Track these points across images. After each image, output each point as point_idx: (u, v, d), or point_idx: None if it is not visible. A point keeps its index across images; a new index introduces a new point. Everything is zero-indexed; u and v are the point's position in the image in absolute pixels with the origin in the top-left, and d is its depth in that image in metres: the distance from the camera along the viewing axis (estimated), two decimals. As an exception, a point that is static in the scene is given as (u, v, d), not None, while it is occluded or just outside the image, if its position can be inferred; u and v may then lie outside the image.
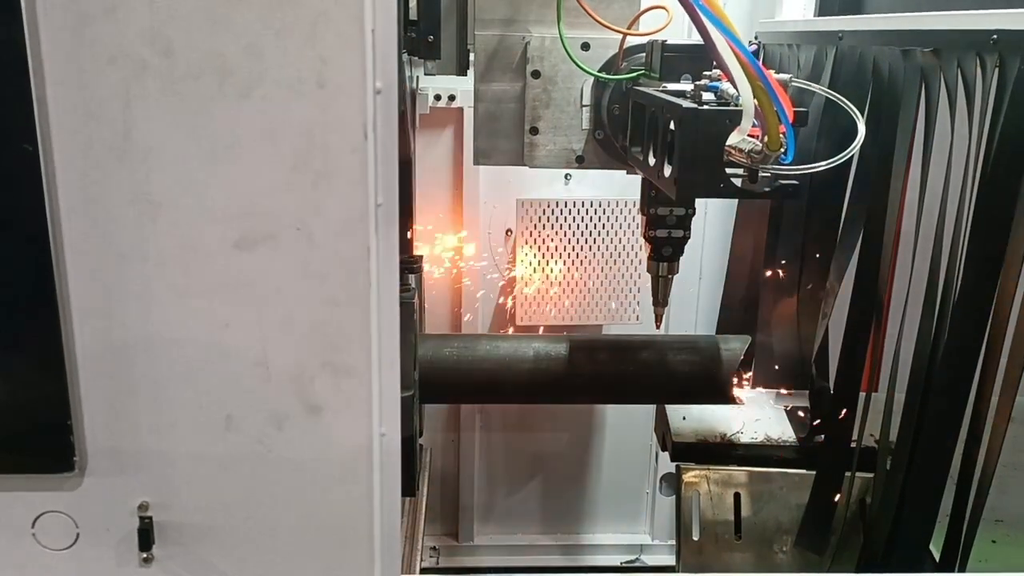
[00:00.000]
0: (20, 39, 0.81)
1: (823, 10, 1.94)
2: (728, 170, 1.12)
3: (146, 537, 0.97)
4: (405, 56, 1.60)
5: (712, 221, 2.34)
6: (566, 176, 2.32)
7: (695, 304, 2.46)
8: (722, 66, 1.10)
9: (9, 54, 0.82)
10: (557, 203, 2.30)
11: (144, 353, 0.93)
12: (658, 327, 1.66)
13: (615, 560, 2.70)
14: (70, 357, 0.92)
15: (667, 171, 1.19)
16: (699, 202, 1.52)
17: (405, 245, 1.70)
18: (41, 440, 0.94)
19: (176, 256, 0.90)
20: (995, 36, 1.11)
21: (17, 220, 0.87)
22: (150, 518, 0.98)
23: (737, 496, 1.68)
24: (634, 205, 2.24)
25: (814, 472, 1.62)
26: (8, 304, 0.90)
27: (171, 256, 0.90)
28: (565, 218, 2.31)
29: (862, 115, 1.39)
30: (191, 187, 0.87)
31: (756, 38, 1.95)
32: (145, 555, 0.98)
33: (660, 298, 1.62)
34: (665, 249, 1.57)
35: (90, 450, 0.95)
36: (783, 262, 1.77)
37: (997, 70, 1.11)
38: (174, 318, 0.92)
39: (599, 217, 2.31)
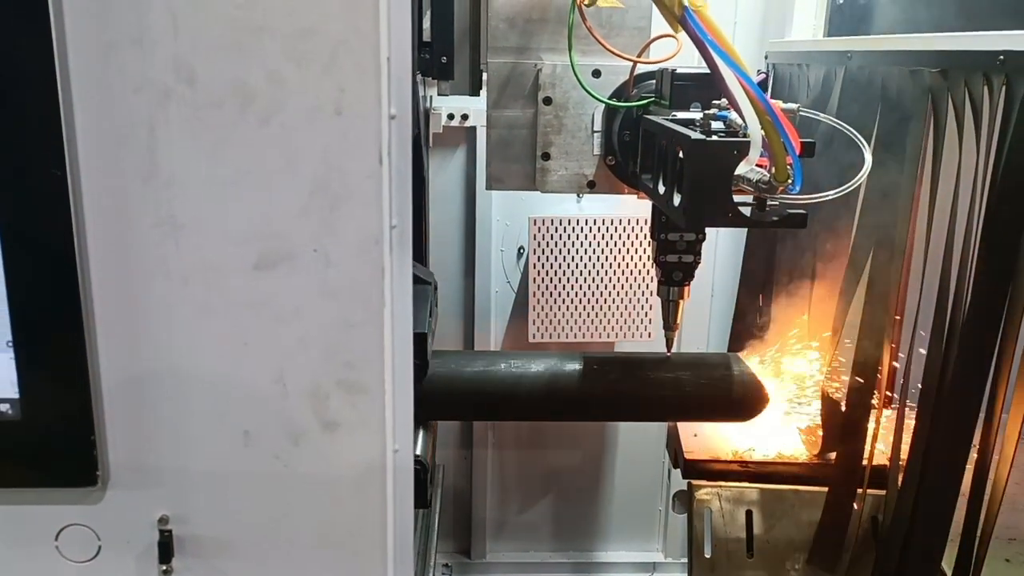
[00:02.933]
0: (51, 67, 0.85)
1: (832, 30, 1.96)
2: (736, 199, 1.13)
3: (166, 550, 1.00)
4: (419, 76, 1.63)
5: (724, 238, 2.35)
6: (578, 195, 2.34)
7: (707, 321, 2.47)
8: (730, 99, 1.12)
9: (40, 81, 0.85)
10: (569, 221, 2.31)
11: (166, 371, 0.95)
12: (668, 351, 1.67)
13: (627, 578, 2.69)
14: (94, 374, 0.94)
15: (676, 200, 1.21)
16: (709, 226, 1.53)
17: (421, 259, 1.72)
18: (65, 454, 0.97)
19: (197, 276, 0.92)
20: (1002, 56, 1.13)
21: (46, 241, 0.90)
22: (170, 531, 1.00)
23: (749, 513, 1.67)
24: (646, 223, 2.26)
25: (826, 489, 1.62)
26: (35, 322, 0.92)
27: (193, 276, 0.92)
28: (577, 236, 2.32)
29: (871, 134, 1.41)
30: (213, 210, 0.90)
31: (767, 58, 1.97)
32: (165, 567, 1.01)
33: (671, 322, 1.63)
34: (675, 274, 1.58)
35: (112, 464, 0.98)
36: (794, 278, 1.78)
37: (1004, 90, 1.13)
38: (195, 337, 0.94)
39: (611, 235, 2.33)
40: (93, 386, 0.94)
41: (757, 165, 1.14)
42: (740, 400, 1.68)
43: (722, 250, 2.36)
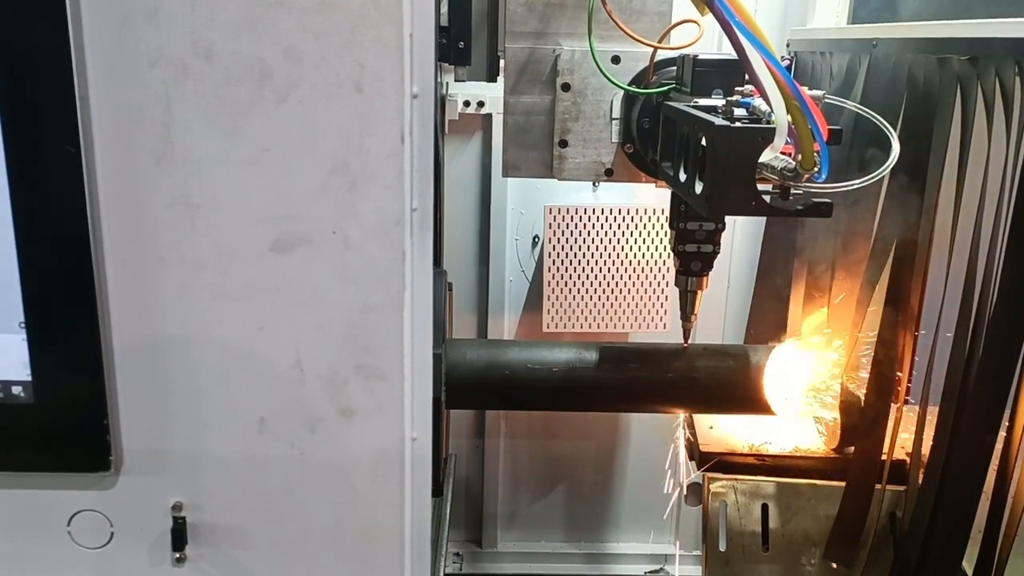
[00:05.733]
0: (65, 42, 0.83)
1: (856, 17, 1.92)
2: (760, 187, 1.11)
3: (179, 537, 0.99)
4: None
5: (741, 228, 2.33)
6: (594, 183, 2.32)
7: (723, 313, 2.45)
8: (756, 83, 1.09)
9: (54, 57, 0.83)
10: (585, 210, 2.30)
11: (180, 355, 0.94)
12: (685, 342, 1.66)
13: (639, 570, 2.68)
14: (108, 358, 0.93)
15: (698, 188, 1.18)
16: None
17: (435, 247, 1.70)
18: (79, 439, 0.96)
19: (213, 258, 0.91)
20: (1035, 44, 1.10)
21: (59, 221, 0.88)
22: (183, 518, 0.99)
23: (765, 507, 1.66)
24: (663, 212, 2.23)
25: (843, 484, 1.60)
26: (49, 304, 0.91)
27: (208, 258, 0.91)
28: (593, 225, 2.30)
29: (896, 124, 1.38)
30: (229, 190, 0.89)
31: (788, 46, 1.94)
32: (178, 555, 1.00)
33: (688, 313, 1.61)
34: (694, 264, 1.56)
35: (126, 450, 0.97)
36: (814, 269, 1.76)
37: (1036, 78, 1.10)
38: (210, 320, 0.93)
39: (627, 224, 2.31)
40: (106, 369, 0.93)
41: (781, 152, 1.12)
42: (757, 392, 1.66)
43: (739, 240, 2.34)
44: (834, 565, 1.61)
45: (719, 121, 1.13)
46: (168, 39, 0.84)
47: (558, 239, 2.31)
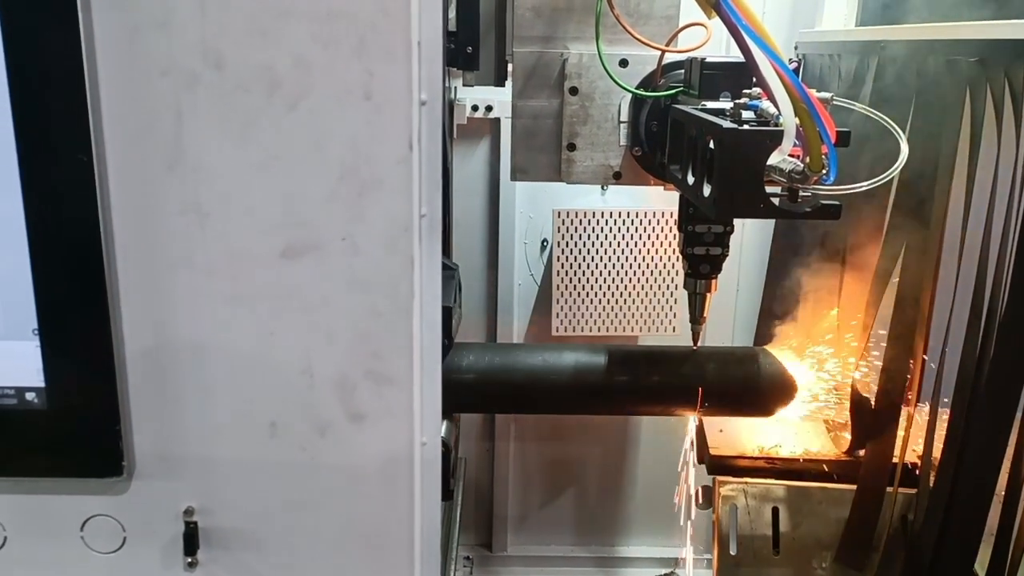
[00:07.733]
0: (77, 52, 0.84)
1: (865, 20, 1.92)
2: (768, 190, 1.11)
3: (191, 541, 0.99)
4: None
5: (750, 231, 2.33)
6: (602, 186, 2.32)
7: (732, 315, 2.44)
8: (764, 85, 1.10)
9: (66, 66, 0.84)
10: (594, 213, 2.30)
11: (191, 360, 0.94)
12: (695, 345, 1.66)
13: (650, 573, 2.67)
14: (120, 363, 0.93)
15: (706, 191, 1.19)
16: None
17: (445, 251, 1.71)
18: (92, 445, 0.96)
19: (223, 265, 0.91)
20: (1044, 46, 1.10)
21: (72, 228, 0.89)
22: (195, 523, 0.99)
23: (775, 510, 1.66)
24: (671, 216, 2.23)
25: (855, 487, 1.60)
26: (60, 310, 0.92)
27: (219, 265, 0.91)
28: (602, 228, 2.31)
29: (906, 126, 1.38)
30: (239, 197, 0.89)
31: (796, 48, 1.94)
32: (190, 559, 1.00)
33: (697, 315, 1.61)
34: (703, 267, 1.56)
35: (138, 455, 0.97)
36: (823, 271, 1.76)
37: (1046, 80, 1.10)
38: (221, 326, 0.93)
39: (636, 227, 2.31)
40: (119, 376, 0.93)
41: (789, 155, 1.12)
42: (767, 394, 1.66)
43: (748, 243, 2.34)
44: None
45: (727, 124, 1.13)
46: (179, 49, 0.85)
47: (567, 243, 2.31)
